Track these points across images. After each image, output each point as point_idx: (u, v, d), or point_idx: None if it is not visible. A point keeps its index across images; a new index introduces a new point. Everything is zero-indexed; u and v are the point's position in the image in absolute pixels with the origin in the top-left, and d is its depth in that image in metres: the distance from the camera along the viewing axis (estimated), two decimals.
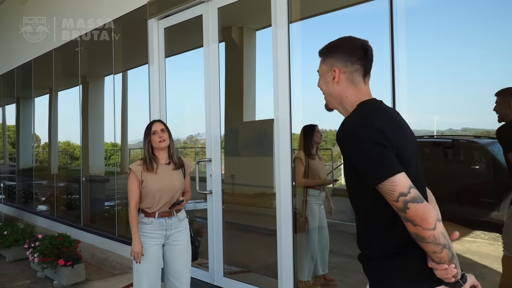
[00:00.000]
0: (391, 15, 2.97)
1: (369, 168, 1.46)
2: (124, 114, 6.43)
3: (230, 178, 5.21)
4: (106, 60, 6.19)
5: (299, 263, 3.82)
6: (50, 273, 4.85)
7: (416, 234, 1.41)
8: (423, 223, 1.38)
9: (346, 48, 1.66)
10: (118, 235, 5.89)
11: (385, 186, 1.42)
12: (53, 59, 7.57)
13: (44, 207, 8.54)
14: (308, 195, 3.90)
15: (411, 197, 1.40)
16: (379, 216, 1.55)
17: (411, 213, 1.39)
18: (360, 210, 1.65)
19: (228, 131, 5.13)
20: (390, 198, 1.42)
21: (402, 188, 1.40)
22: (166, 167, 3.28)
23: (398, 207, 1.42)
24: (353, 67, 1.64)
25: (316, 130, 3.95)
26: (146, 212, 3.21)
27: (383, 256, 1.55)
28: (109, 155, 7.33)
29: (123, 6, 5.58)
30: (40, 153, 9.75)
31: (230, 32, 5.19)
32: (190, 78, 5.45)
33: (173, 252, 3.25)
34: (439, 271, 1.45)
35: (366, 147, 1.45)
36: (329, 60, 1.68)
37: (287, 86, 3.69)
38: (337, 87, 1.66)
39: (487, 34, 2.95)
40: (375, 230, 1.58)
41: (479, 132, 3.37)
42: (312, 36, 3.89)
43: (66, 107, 7.96)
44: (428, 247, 1.41)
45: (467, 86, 3.07)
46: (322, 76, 1.72)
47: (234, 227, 5.10)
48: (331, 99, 1.71)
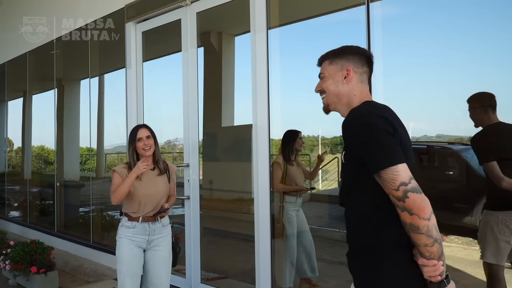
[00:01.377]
0: (368, 22, 3.02)
1: (375, 154, 1.50)
2: (100, 119, 6.35)
3: (208, 184, 5.20)
4: (82, 64, 6.10)
5: (279, 269, 3.82)
6: (23, 281, 4.75)
7: (411, 224, 1.44)
8: (420, 212, 1.42)
9: (356, 52, 1.77)
10: (93, 241, 5.80)
11: (387, 174, 1.46)
12: (27, 61, 7.44)
13: (17, 213, 8.36)
14: (285, 201, 3.92)
15: (411, 187, 1.44)
16: (376, 209, 1.58)
17: (410, 202, 1.43)
18: (355, 204, 1.66)
19: (206, 136, 5.12)
20: (391, 186, 1.46)
21: (403, 177, 1.45)
22: (151, 173, 3.21)
23: (397, 196, 1.45)
24: (363, 69, 1.76)
25: (299, 137, 3.96)
26: (129, 216, 3.16)
27: (376, 248, 1.57)
28: (84, 160, 7.22)
29: (101, 9, 5.52)
30: (13, 157, 9.55)
31: (209, 37, 5.20)
32: (168, 82, 5.42)
33: (154, 258, 3.20)
34: (428, 268, 1.47)
35: (375, 134, 1.50)
36: (339, 61, 1.76)
37: (265, 91, 3.70)
38: (347, 86, 1.74)
39: (462, 40, 3.02)
40: (370, 224, 1.59)
41: (453, 138, 3.44)
42: (291, 42, 3.92)
43: (41, 111, 7.82)
44: (421, 238, 1.44)
45: (441, 92, 3.14)
46: (330, 76, 1.76)
47: (212, 233, 5.09)
48: (336, 99, 1.76)
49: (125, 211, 3.19)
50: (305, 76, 3.93)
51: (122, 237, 3.14)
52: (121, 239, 3.14)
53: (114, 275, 4.96)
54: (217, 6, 4.17)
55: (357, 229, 1.66)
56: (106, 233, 5.90)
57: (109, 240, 5.68)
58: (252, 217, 3.84)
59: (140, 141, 3.14)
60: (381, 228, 1.57)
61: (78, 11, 5.98)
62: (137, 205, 3.12)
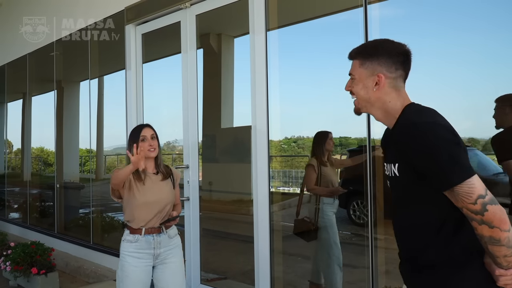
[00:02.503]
0: (366, 24, 3.05)
1: (447, 170, 1.40)
2: (100, 120, 6.37)
3: (207, 185, 5.21)
4: (82, 65, 6.14)
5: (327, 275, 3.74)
6: (23, 282, 4.77)
7: (491, 237, 1.37)
8: (501, 224, 1.36)
9: (390, 53, 1.62)
10: (93, 242, 5.82)
11: (463, 188, 1.38)
12: (27, 63, 7.47)
13: (17, 215, 8.38)
14: (323, 203, 3.78)
15: (489, 199, 1.37)
16: (444, 222, 1.50)
17: (490, 215, 1.36)
18: (413, 217, 1.58)
19: (206, 138, 5.14)
20: (467, 200, 1.38)
21: (480, 190, 1.38)
22: (154, 177, 2.93)
23: (474, 210, 1.37)
24: (397, 73, 1.62)
25: (329, 138, 3.79)
26: (131, 228, 2.84)
27: (446, 264, 1.50)
28: (84, 161, 7.24)
29: (101, 11, 5.56)
30: (12, 159, 9.57)
31: (208, 39, 5.21)
32: (168, 84, 5.45)
33: (164, 273, 2.89)
34: (505, 278, 1.43)
35: (443, 147, 1.40)
36: (370, 64, 1.63)
37: (264, 93, 3.73)
38: (378, 93, 1.62)
39: (465, 40, 3.02)
40: (433, 237, 1.51)
41: (465, 140, 3.43)
42: (289, 44, 3.94)
43: (40, 113, 7.84)
44: (501, 250, 1.38)
45: (454, 93, 3.12)
46: (361, 81, 1.65)
47: (211, 234, 5.10)
48: (368, 104, 1.66)
49: (127, 219, 2.89)
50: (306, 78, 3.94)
51: (125, 254, 2.83)
52: (124, 257, 2.82)
53: (114, 276, 4.98)
54: (217, 8, 4.21)
55: (419, 242, 1.57)
56: (106, 235, 5.92)
57: (109, 242, 5.72)
58: (252, 218, 3.87)
59: (144, 141, 2.86)
60: (450, 241, 1.49)
61: (78, 12, 6.01)
62: (139, 213, 2.81)
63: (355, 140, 3.64)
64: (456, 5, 3.08)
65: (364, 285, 3.43)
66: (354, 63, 1.68)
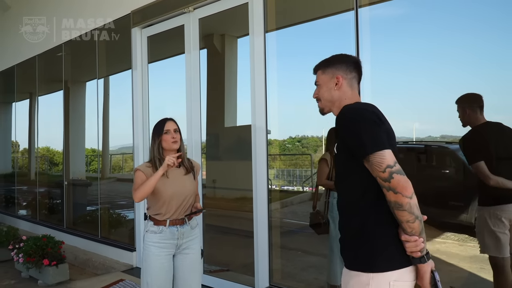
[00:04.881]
0: (357, 25, 3.23)
1: (364, 142, 1.68)
2: (105, 120, 6.51)
3: (211, 183, 5.35)
4: (89, 66, 6.29)
5: (330, 267, 3.79)
6: (35, 273, 4.93)
7: (395, 201, 1.62)
8: (403, 190, 1.61)
9: (343, 61, 1.99)
10: (101, 236, 6.02)
11: (375, 158, 1.65)
12: (36, 64, 7.66)
13: (27, 211, 8.57)
14: (334, 197, 3.80)
15: (396, 169, 1.64)
16: (364, 192, 1.75)
17: (394, 182, 1.62)
18: (347, 188, 1.85)
19: (210, 136, 5.26)
20: (378, 169, 1.65)
21: (389, 161, 1.65)
22: (178, 171, 2.96)
23: (383, 177, 1.64)
24: (351, 75, 1.97)
25: None
26: (155, 219, 2.89)
27: (369, 226, 1.73)
28: (89, 161, 7.39)
29: (109, 14, 5.73)
30: (19, 158, 9.75)
31: (212, 39, 5.34)
32: (173, 83, 5.57)
33: (184, 262, 2.95)
34: (410, 244, 1.65)
35: (363, 125, 1.71)
36: (330, 70, 1.99)
37: (263, 93, 3.88)
38: (338, 92, 1.96)
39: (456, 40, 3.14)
40: (360, 204, 1.76)
41: (457, 139, 3.46)
42: (287, 45, 4.08)
43: (46, 113, 8.00)
44: (403, 215, 1.63)
45: (445, 93, 3.22)
46: (324, 84, 1.99)
47: (215, 230, 5.25)
48: (329, 104, 1.99)
49: (151, 213, 2.92)
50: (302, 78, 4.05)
51: (149, 244, 2.87)
52: (149, 247, 2.87)
53: (122, 268, 5.18)
54: (219, 12, 4.36)
55: (348, 212, 1.83)
56: (113, 229, 6.12)
57: (117, 235, 5.91)
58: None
59: (167, 133, 2.90)
60: (370, 209, 1.74)
61: (84, 15, 6.18)
62: (164, 205, 2.87)
63: None
64: (446, 6, 3.20)
65: None
66: (318, 73, 2.03)
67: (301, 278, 4.30)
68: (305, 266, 4.43)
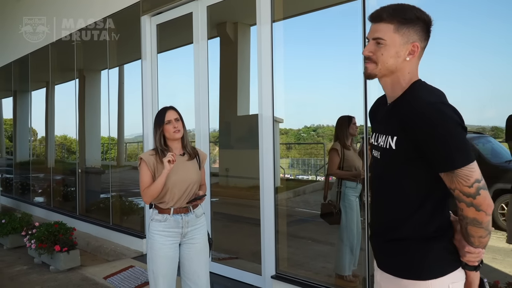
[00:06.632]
0: (364, 14, 3.18)
1: (453, 155, 1.40)
2: (120, 108, 6.56)
3: (224, 171, 5.37)
4: (102, 55, 6.33)
5: (338, 257, 3.79)
6: (47, 259, 5.03)
7: (474, 219, 1.43)
8: (488, 209, 1.41)
9: (425, 21, 1.52)
10: (112, 223, 6.11)
11: (463, 171, 1.40)
12: (49, 53, 7.73)
13: (41, 198, 8.73)
14: (346, 187, 3.80)
15: (483, 184, 1.41)
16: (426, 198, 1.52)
17: (480, 199, 1.40)
18: (397, 191, 1.57)
19: (223, 125, 5.27)
20: (464, 183, 1.40)
21: (478, 174, 1.40)
22: (181, 158, 2.93)
23: (468, 193, 1.41)
24: (425, 43, 1.54)
25: (353, 122, 3.79)
26: (159, 208, 2.89)
27: (421, 238, 1.53)
28: (106, 149, 7.48)
29: (118, 3, 5.75)
30: (37, 147, 9.89)
31: (225, 28, 5.32)
32: (183, 73, 5.57)
33: (190, 251, 2.93)
34: (471, 255, 1.50)
35: (452, 129, 1.40)
36: (407, 31, 1.51)
37: (269, 82, 3.87)
38: (408, 63, 1.53)
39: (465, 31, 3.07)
40: (412, 213, 1.53)
41: (475, 128, 3.34)
42: (294, 34, 4.05)
43: (63, 101, 8.07)
44: (479, 232, 1.45)
45: (461, 84, 3.11)
46: (393, 47, 1.51)
47: (228, 219, 5.28)
48: (388, 73, 1.55)
49: (155, 202, 2.91)
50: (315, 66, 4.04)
51: (154, 233, 2.86)
52: (153, 236, 2.86)
53: (132, 254, 5.26)
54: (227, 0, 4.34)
55: (396, 215, 1.58)
56: (125, 217, 6.20)
57: (128, 223, 5.99)
58: None
59: (169, 123, 2.88)
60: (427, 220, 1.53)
61: (95, 4, 6.22)
62: (168, 193, 2.85)
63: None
64: None
65: (361, 268, 3.61)
66: (385, 26, 1.52)
67: (310, 266, 4.31)
68: (315, 254, 4.44)
